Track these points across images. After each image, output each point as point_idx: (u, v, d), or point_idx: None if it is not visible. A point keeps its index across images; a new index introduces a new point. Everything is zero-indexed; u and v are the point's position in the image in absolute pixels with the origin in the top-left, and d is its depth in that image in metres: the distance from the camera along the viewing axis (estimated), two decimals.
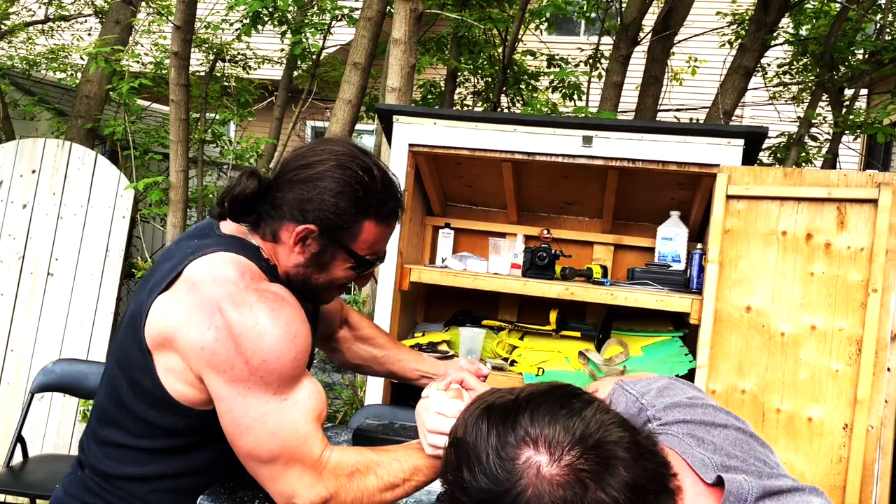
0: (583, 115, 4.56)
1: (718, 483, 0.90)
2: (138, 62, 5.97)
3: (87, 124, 5.05)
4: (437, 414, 1.19)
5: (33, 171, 4.37)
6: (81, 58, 7.00)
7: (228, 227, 1.36)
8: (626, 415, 0.97)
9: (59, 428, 3.99)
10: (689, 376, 2.44)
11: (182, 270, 1.24)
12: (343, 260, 1.35)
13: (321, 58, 6.08)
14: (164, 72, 5.49)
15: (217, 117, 5.72)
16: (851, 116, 5.35)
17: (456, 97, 6.30)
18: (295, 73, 6.54)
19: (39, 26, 8.37)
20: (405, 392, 2.68)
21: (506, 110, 6.24)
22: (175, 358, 1.22)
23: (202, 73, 5.90)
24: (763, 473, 0.92)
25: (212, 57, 5.88)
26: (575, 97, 5.65)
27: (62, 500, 1.38)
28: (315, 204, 1.28)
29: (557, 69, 5.76)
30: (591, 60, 5.93)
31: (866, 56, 5.47)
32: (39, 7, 8.22)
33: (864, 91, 6.80)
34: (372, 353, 1.78)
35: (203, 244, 1.29)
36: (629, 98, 5.62)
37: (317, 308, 1.55)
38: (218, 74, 6.13)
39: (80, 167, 4.37)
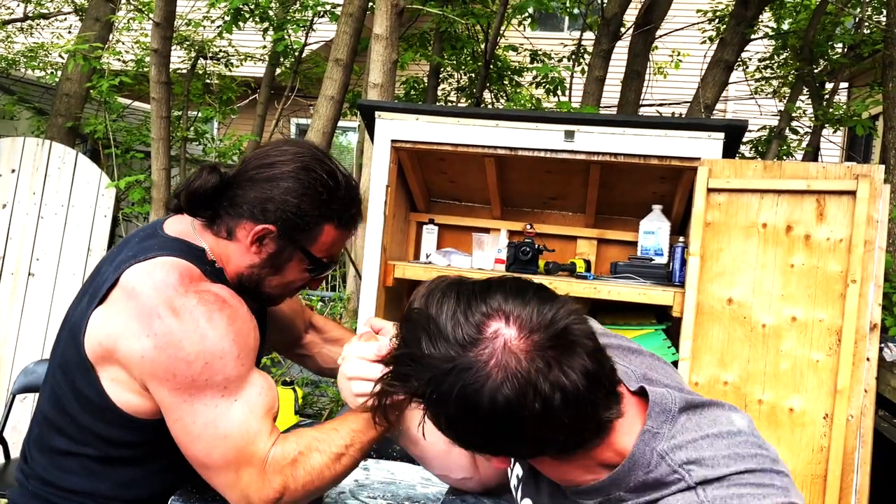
0: (565, 110, 4.57)
1: (641, 393, 0.91)
2: (119, 60, 5.92)
3: (68, 123, 5.00)
4: (357, 358, 1.13)
5: (13, 171, 4.32)
6: (61, 56, 6.93)
7: (174, 227, 1.32)
8: None
9: None
10: None
11: (118, 278, 1.20)
12: (299, 262, 1.32)
13: (304, 55, 6.05)
14: (145, 69, 5.44)
15: (199, 115, 5.68)
16: (831, 110, 5.40)
17: (439, 93, 6.30)
18: (277, 71, 6.51)
19: (18, 24, 8.27)
20: None
21: (489, 106, 6.24)
22: (118, 370, 1.19)
23: (184, 71, 5.86)
24: (683, 389, 0.94)
25: (193, 54, 5.84)
26: (558, 92, 5.66)
27: None
28: (276, 204, 1.25)
29: (540, 65, 5.77)
30: (574, 56, 5.95)
31: (845, 50, 5.52)
32: (18, 5, 8.13)
33: (844, 84, 6.87)
34: None
35: (143, 247, 1.25)
36: (612, 93, 5.64)
37: (263, 308, 1.48)
38: (200, 72, 6.09)
39: (60, 166, 4.32)
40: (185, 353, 1.12)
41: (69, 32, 8.09)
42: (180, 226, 1.32)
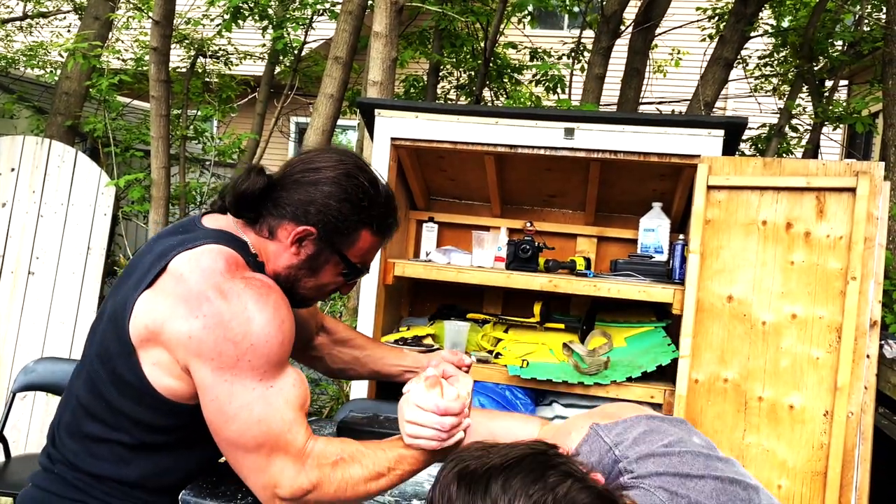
0: (565, 107, 4.57)
1: None
2: (118, 58, 5.91)
3: (67, 121, 5.00)
4: (415, 406, 1.19)
5: (12, 169, 4.32)
6: (60, 54, 6.93)
7: (214, 222, 1.36)
8: (600, 466, 0.96)
9: (42, 427, 3.95)
10: (673, 366, 2.46)
11: (167, 264, 1.24)
12: (335, 265, 1.36)
13: (303, 53, 6.05)
14: (144, 68, 5.44)
15: (199, 113, 5.68)
16: (831, 107, 5.39)
17: (439, 91, 6.29)
18: (277, 69, 6.51)
19: (18, 23, 8.27)
20: (390, 387, 2.68)
21: (489, 104, 6.23)
22: (161, 352, 1.21)
23: (183, 70, 5.85)
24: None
25: (193, 53, 5.84)
26: (558, 90, 5.66)
27: (38, 498, 1.34)
28: (318, 206, 1.30)
29: (540, 62, 5.76)
30: (573, 53, 5.94)
31: (845, 47, 5.52)
32: (18, 4, 8.12)
33: (844, 82, 6.86)
34: (353, 354, 1.77)
35: (189, 238, 1.29)
36: (612, 91, 5.64)
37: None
38: (199, 70, 6.08)
39: (59, 165, 4.32)
40: (234, 333, 1.15)
41: (68, 31, 8.08)
42: (220, 221, 1.37)
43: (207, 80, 6.16)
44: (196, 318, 1.17)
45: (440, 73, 6.13)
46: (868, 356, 2.29)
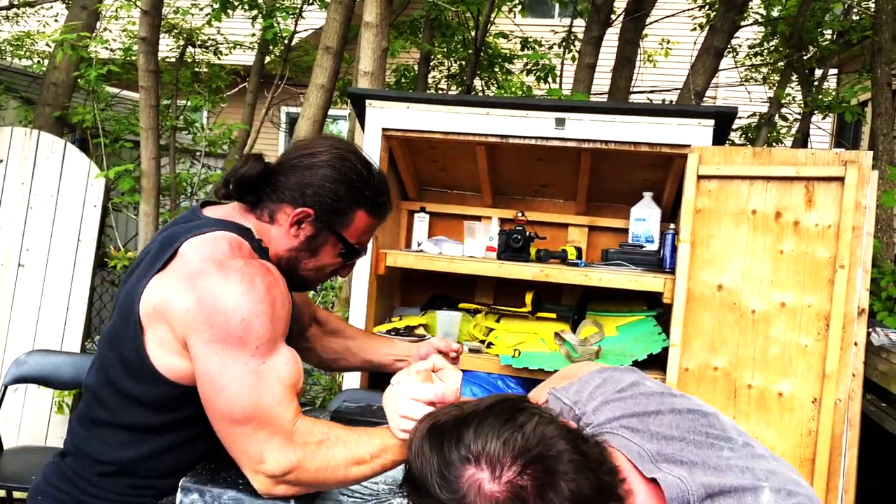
0: (556, 97, 4.57)
1: (655, 481, 0.89)
2: (107, 48, 5.86)
3: (56, 112, 4.95)
4: (410, 399, 1.19)
5: (0, 161, 4.29)
6: (48, 44, 6.86)
7: (214, 212, 1.41)
8: None
9: (34, 419, 3.94)
10: (663, 354, 2.48)
11: (177, 250, 1.29)
12: (333, 246, 1.42)
13: (293, 42, 6.01)
14: (133, 58, 5.39)
15: (189, 104, 5.64)
16: (820, 96, 5.41)
17: (430, 81, 6.28)
18: (267, 59, 6.47)
19: (4, 13, 8.18)
20: (382, 377, 2.69)
21: (480, 94, 6.22)
22: (166, 330, 1.25)
23: (172, 59, 5.81)
24: (706, 463, 0.90)
25: (182, 42, 5.79)
26: (549, 80, 5.65)
27: (40, 488, 1.39)
28: (315, 188, 1.36)
29: (531, 52, 5.75)
30: (564, 43, 5.94)
31: (835, 36, 5.53)
32: None
33: (833, 71, 6.88)
34: (344, 344, 1.80)
35: (195, 226, 1.34)
36: (603, 80, 5.63)
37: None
38: (188, 60, 6.03)
39: (49, 156, 4.29)
40: (224, 306, 1.19)
41: (56, 21, 8.00)
42: (220, 211, 1.42)
43: (197, 70, 6.12)
44: (192, 292, 1.21)
45: (431, 63, 6.12)
46: (856, 344, 2.31)
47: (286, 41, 5.80)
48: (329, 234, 1.40)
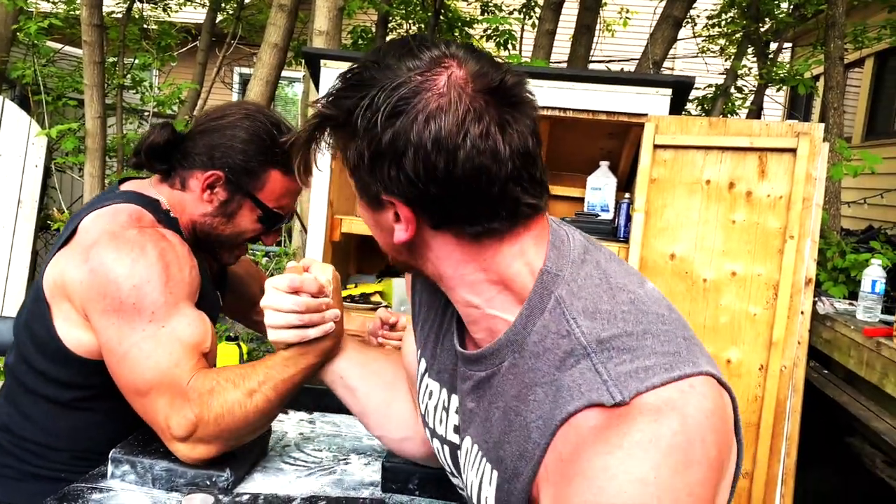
0: (516, 63, 4.52)
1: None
2: (48, 0, 5.60)
3: None
4: (272, 288, 1.10)
5: None
6: None
7: (129, 185, 1.39)
8: None
9: None
10: None
11: (77, 226, 1.27)
12: (250, 210, 1.38)
13: (246, 0, 5.83)
14: (77, 12, 5.16)
15: (136, 62, 5.44)
16: (775, 69, 5.48)
17: None
18: (219, 17, 6.26)
19: None
20: None
21: None
22: (68, 305, 1.24)
23: (119, 15, 5.58)
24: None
25: None
26: (509, 46, 5.60)
27: None
28: (223, 150, 1.33)
29: (491, 16, 5.68)
30: (524, 8, 5.88)
31: (791, 9, 5.59)
32: None
33: (788, 44, 6.98)
34: None
35: (98, 199, 1.34)
36: (562, 48, 5.61)
37: (223, 269, 1.58)
38: (136, 16, 5.81)
39: None
40: (115, 275, 1.17)
41: None
42: (134, 185, 1.39)
43: (145, 26, 5.89)
44: (85, 264, 1.20)
45: (389, 25, 6.00)
46: (802, 312, 2.37)
47: None
48: (243, 197, 1.36)
